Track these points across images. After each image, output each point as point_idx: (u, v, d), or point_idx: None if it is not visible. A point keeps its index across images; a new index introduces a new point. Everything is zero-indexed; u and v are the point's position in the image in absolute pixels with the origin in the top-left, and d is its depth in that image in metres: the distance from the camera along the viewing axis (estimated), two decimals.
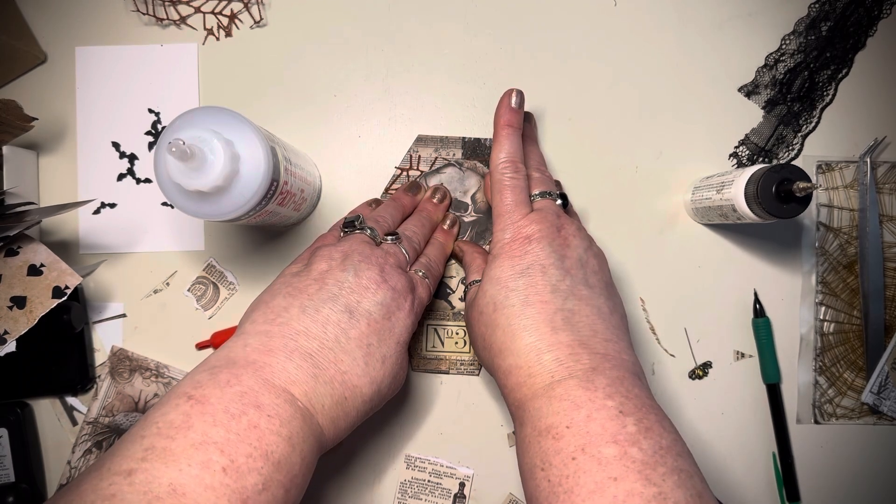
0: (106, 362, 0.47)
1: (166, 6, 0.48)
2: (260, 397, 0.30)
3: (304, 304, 0.35)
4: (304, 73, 0.48)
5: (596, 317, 0.35)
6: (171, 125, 0.34)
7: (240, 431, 0.29)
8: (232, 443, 0.28)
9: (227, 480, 0.27)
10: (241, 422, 0.29)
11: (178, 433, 0.28)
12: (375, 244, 0.40)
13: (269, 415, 0.30)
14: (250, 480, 0.28)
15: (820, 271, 0.48)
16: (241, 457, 0.28)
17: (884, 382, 0.47)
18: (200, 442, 0.28)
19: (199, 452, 0.28)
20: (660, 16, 0.48)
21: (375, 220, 0.42)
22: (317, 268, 0.37)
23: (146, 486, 0.26)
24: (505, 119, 0.41)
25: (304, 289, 0.36)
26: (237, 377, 0.31)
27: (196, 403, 0.30)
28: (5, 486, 0.45)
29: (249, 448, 0.29)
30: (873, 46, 0.48)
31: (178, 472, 0.27)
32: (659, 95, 0.48)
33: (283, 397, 0.31)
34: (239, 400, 0.30)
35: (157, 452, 0.27)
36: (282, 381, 0.32)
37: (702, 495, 0.29)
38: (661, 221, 0.48)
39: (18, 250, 0.41)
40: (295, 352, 0.33)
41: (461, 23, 0.48)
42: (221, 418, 0.29)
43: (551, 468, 0.30)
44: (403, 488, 0.47)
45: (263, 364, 0.32)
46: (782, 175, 0.38)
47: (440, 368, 0.48)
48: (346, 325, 0.35)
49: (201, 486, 0.27)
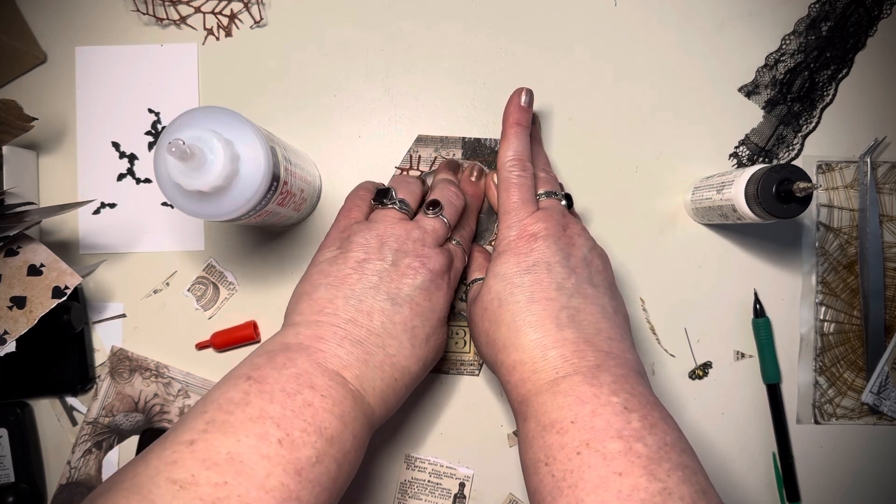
0: (106, 362, 0.47)
1: (166, 6, 0.48)
2: (314, 379, 0.32)
3: (348, 296, 0.36)
4: (304, 73, 0.48)
5: (600, 315, 0.36)
6: (171, 125, 0.34)
7: (295, 408, 0.30)
8: (287, 418, 0.30)
9: (282, 451, 0.29)
10: (297, 400, 0.31)
11: (238, 409, 0.30)
12: (409, 217, 0.40)
13: (322, 395, 0.32)
14: (304, 453, 0.30)
15: (820, 271, 0.48)
16: (296, 431, 0.30)
17: (884, 382, 0.47)
18: (258, 416, 0.29)
19: (256, 426, 0.29)
20: (660, 16, 0.48)
21: (407, 185, 0.41)
22: (353, 256, 0.37)
23: (206, 453, 0.28)
24: (514, 118, 0.41)
25: (344, 279, 0.36)
26: (293, 360, 0.33)
27: (255, 383, 0.31)
28: (5, 486, 0.45)
29: (304, 423, 0.30)
30: (873, 46, 0.48)
31: (237, 442, 0.28)
32: (659, 95, 0.48)
33: (335, 380, 0.33)
34: (295, 380, 0.32)
35: (218, 425, 0.29)
36: (334, 366, 0.33)
37: (706, 491, 0.29)
38: (661, 221, 0.48)
39: (18, 250, 0.41)
40: (345, 339, 0.35)
41: (461, 23, 0.48)
42: (278, 396, 0.31)
43: (555, 463, 0.30)
44: (403, 488, 0.47)
45: (316, 350, 0.34)
46: (782, 175, 0.38)
47: (440, 368, 0.48)
48: (390, 313, 0.36)
49: (258, 455, 0.28)
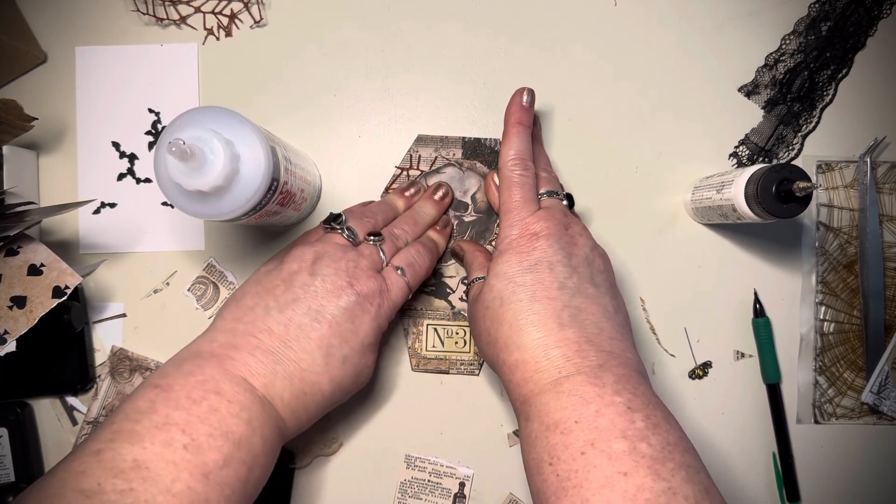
0: (106, 362, 0.47)
1: (166, 6, 0.48)
2: (220, 385, 0.33)
3: (269, 305, 0.36)
4: (304, 73, 0.48)
5: (602, 315, 0.36)
6: (171, 125, 0.34)
7: (200, 414, 0.31)
8: (193, 424, 0.31)
9: (188, 456, 0.30)
10: (202, 406, 0.31)
11: (144, 417, 0.31)
12: (353, 245, 0.40)
13: (228, 400, 0.32)
14: (211, 456, 0.30)
15: (820, 271, 0.48)
16: (201, 436, 0.30)
17: (884, 382, 0.47)
18: (163, 423, 0.30)
19: (161, 432, 0.30)
20: (660, 16, 0.48)
21: (361, 217, 0.42)
22: (287, 268, 0.38)
23: (112, 462, 0.29)
24: (516, 117, 0.41)
25: (271, 289, 0.37)
26: (200, 368, 0.33)
27: (161, 391, 0.32)
28: (5, 485, 0.45)
29: (210, 428, 0.31)
30: (873, 46, 0.48)
31: (143, 450, 0.29)
32: (659, 95, 0.48)
33: (242, 386, 0.33)
34: (200, 387, 0.32)
35: (124, 434, 0.30)
36: (242, 373, 0.34)
37: (709, 490, 0.29)
38: (661, 221, 0.48)
39: (18, 250, 0.41)
40: (257, 349, 0.35)
41: (461, 23, 0.48)
42: (184, 403, 0.31)
43: (560, 462, 0.30)
44: (403, 488, 0.47)
45: (226, 357, 0.34)
46: (782, 175, 0.38)
47: (440, 368, 0.48)
48: (307, 328, 0.36)
49: (163, 461, 0.29)
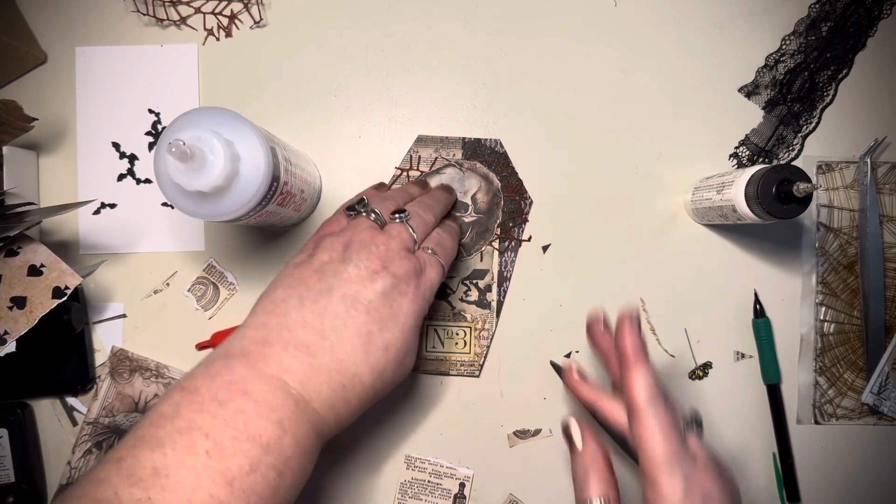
0: (106, 362, 0.47)
1: (166, 6, 0.48)
2: (249, 385, 0.31)
3: (302, 295, 0.35)
4: (304, 73, 0.48)
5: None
6: (172, 125, 0.34)
7: (226, 417, 0.30)
8: (217, 427, 0.29)
9: (210, 462, 0.28)
10: (228, 408, 0.30)
11: (167, 421, 0.30)
12: (380, 226, 0.38)
13: (256, 400, 0.31)
14: (235, 462, 0.29)
15: (820, 272, 0.48)
16: (226, 440, 0.29)
17: (884, 383, 0.47)
18: (186, 428, 0.29)
19: (183, 437, 0.29)
20: (660, 16, 0.48)
21: (383, 199, 0.41)
22: (318, 258, 0.36)
23: (131, 469, 0.28)
24: (631, 348, 0.36)
25: (303, 280, 0.36)
26: (228, 368, 0.32)
27: (186, 394, 0.31)
28: (5, 486, 0.45)
29: (235, 432, 0.29)
30: (873, 47, 0.48)
31: (163, 456, 0.28)
32: (659, 96, 0.48)
33: (273, 384, 0.32)
34: (227, 388, 0.31)
35: (146, 440, 0.29)
36: (274, 370, 0.32)
37: None
38: (661, 222, 0.48)
39: (18, 250, 0.41)
40: (291, 342, 0.33)
41: (461, 23, 0.48)
42: (209, 406, 0.30)
43: None
44: (403, 488, 0.47)
45: (258, 354, 0.33)
46: (782, 175, 0.38)
47: (440, 369, 0.48)
48: (343, 316, 0.34)
49: (184, 467, 0.28)
